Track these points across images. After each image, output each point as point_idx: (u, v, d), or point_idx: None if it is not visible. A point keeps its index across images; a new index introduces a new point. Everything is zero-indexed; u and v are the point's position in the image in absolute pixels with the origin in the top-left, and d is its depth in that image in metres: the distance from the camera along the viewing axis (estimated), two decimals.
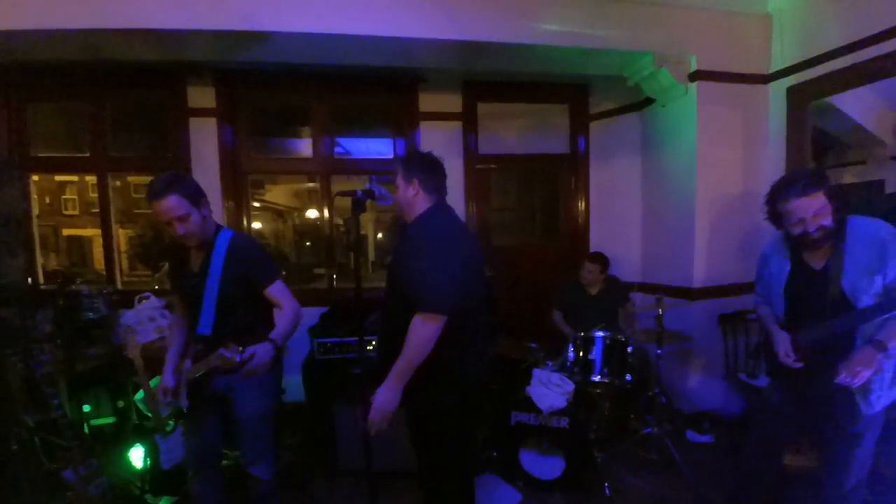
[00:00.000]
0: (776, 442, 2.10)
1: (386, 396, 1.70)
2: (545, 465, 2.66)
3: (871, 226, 1.75)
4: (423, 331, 1.64)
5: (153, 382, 2.37)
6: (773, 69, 3.30)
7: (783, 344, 1.87)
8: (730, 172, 3.35)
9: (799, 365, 1.83)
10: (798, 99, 3.16)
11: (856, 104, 3.15)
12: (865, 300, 1.70)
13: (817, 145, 3.18)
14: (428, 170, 1.90)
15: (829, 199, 1.70)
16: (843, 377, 1.66)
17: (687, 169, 3.33)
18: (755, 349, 2.19)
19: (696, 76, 3.20)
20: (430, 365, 1.69)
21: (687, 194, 3.33)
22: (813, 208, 1.69)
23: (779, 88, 3.26)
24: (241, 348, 1.66)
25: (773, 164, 3.29)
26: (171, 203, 1.76)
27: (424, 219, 1.83)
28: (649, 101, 3.64)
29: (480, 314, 1.92)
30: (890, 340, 1.66)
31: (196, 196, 1.84)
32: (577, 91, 4.02)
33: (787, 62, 3.19)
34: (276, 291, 1.90)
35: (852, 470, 1.84)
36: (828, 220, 1.71)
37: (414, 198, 1.86)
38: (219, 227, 1.96)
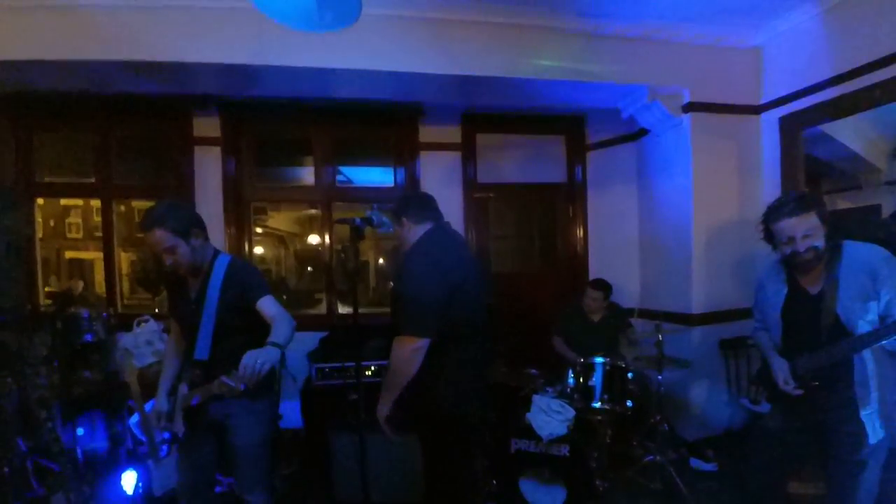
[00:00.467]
0: (778, 470, 2.06)
1: (378, 406, 1.89)
2: (546, 495, 2.59)
3: (865, 251, 1.76)
4: (399, 350, 1.80)
5: (149, 406, 2.36)
6: (764, 100, 3.39)
7: (782, 371, 1.86)
8: (725, 200, 3.40)
9: (798, 392, 1.82)
10: (790, 128, 3.24)
11: (848, 132, 3.22)
12: (861, 326, 1.70)
13: (811, 172, 3.24)
14: (414, 206, 2.06)
15: (822, 221, 1.72)
16: None
17: (683, 197, 3.38)
18: (756, 376, 2.18)
19: (689, 108, 3.29)
20: (430, 386, 1.83)
21: (684, 222, 3.38)
22: (802, 228, 1.71)
23: (771, 118, 3.35)
24: (243, 375, 1.59)
25: (768, 191, 3.35)
26: (157, 237, 1.79)
27: (415, 247, 1.97)
28: (644, 132, 3.72)
29: (477, 337, 1.99)
30: None
31: (185, 228, 1.83)
32: (573, 122, 4.14)
33: (778, 93, 3.28)
34: (268, 303, 1.86)
35: (858, 498, 1.79)
36: (819, 242, 1.71)
37: (408, 233, 2.02)
38: (216, 253, 1.97)
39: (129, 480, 2.52)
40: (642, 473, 2.93)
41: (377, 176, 4.30)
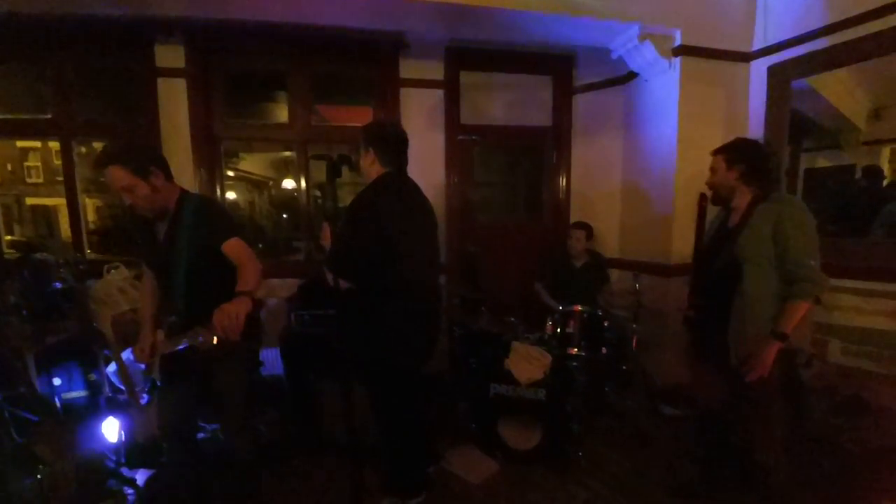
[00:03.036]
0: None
1: None
2: (523, 437, 2.71)
3: (780, 202, 1.97)
4: (329, 279, 1.86)
5: (127, 354, 2.33)
6: (755, 47, 3.30)
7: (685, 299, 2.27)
8: (709, 150, 3.36)
9: (689, 313, 2.22)
10: (779, 78, 3.17)
11: (834, 87, 3.19)
12: (751, 259, 1.94)
13: (794, 127, 3.22)
14: (385, 140, 2.03)
15: (727, 165, 2.08)
16: (750, 376, 1.90)
17: (668, 145, 3.34)
18: None
19: (679, 51, 3.18)
20: (372, 335, 1.96)
21: (667, 172, 3.35)
22: (712, 164, 2.17)
23: (760, 67, 3.27)
24: (216, 329, 1.56)
25: None
26: (113, 174, 1.70)
27: (368, 188, 1.98)
28: (633, 76, 3.61)
29: (424, 294, 2.08)
30: (787, 328, 1.86)
31: (142, 165, 1.74)
32: (561, 62, 3.95)
33: (770, 41, 3.19)
34: (235, 247, 1.79)
35: (766, 408, 2.03)
36: (718, 179, 2.12)
37: (370, 167, 2.03)
38: (184, 194, 1.90)
39: (110, 428, 2.52)
40: (615, 418, 3.08)
41: (355, 116, 4.09)
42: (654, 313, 3.17)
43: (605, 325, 2.98)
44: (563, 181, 4.11)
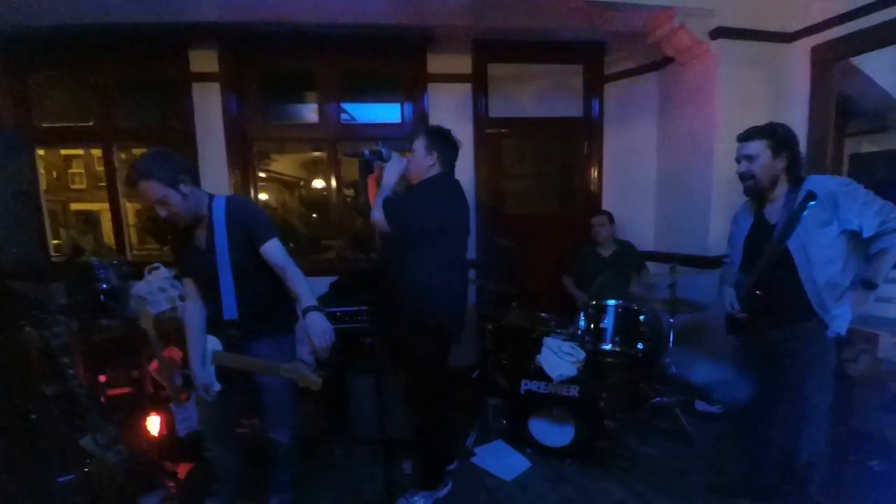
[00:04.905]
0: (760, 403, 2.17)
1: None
2: (555, 434, 2.68)
3: (825, 181, 1.91)
4: (375, 213, 2.03)
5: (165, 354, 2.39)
6: (798, 27, 3.12)
7: (728, 297, 2.10)
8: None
9: (743, 315, 2.05)
10: (823, 59, 3.00)
11: (881, 66, 3.01)
12: (813, 250, 1.85)
13: (839, 111, 3.06)
14: (449, 148, 2.20)
15: (772, 154, 1.92)
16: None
17: (706, 132, 3.21)
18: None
19: (717, 34, 3.04)
20: (424, 301, 2.11)
21: (706, 159, 3.22)
22: (744, 151, 1.99)
23: (804, 48, 3.10)
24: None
25: (796, 128, 3.14)
26: (145, 187, 1.72)
27: (428, 182, 2.16)
28: (668, 61, 3.48)
29: (462, 267, 2.29)
30: (879, 279, 1.85)
31: (172, 176, 1.76)
32: (592, 50, 3.84)
33: (813, 20, 3.01)
34: (275, 249, 1.84)
35: (816, 405, 1.96)
36: (755, 168, 1.94)
37: (429, 168, 2.16)
38: (212, 197, 1.91)
39: (153, 423, 2.61)
40: (650, 414, 2.99)
41: (383, 113, 4.08)
42: (692, 307, 3.06)
43: (641, 319, 2.89)
44: (594, 172, 4.01)
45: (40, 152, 3.76)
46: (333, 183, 3.86)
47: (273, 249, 1.84)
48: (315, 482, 2.50)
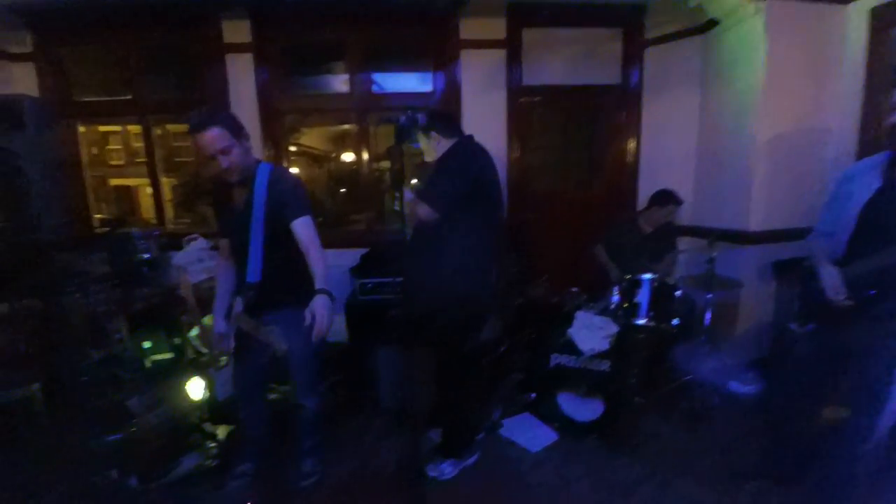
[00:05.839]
0: (807, 395, 2.02)
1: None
2: (583, 408, 2.66)
3: None
4: (417, 208, 2.05)
5: (205, 321, 2.47)
6: None
7: (832, 279, 1.73)
8: (797, 106, 3.06)
9: (847, 303, 1.70)
10: (882, 22, 2.81)
11: None
12: None
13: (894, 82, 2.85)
14: (440, 119, 2.25)
15: None
16: None
17: (750, 101, 3.05)
18: (800, 293, 2.06)
19: None
20: (449, 268, 2.10)
21: (749, 128, 3.07)
22: None
23: (860, 10, 2.89)
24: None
25: (846, 97, 2.99)
26: (214, 134, 1.75)
27: (448, 151, 2.17)
28: (712, 25, 3.29)
29: (496, 236, 2.27)
30: None
31: (237, 128, 1.84)
32: (631, 12, 3.64)
33: None
34: (306, 226, 1.86)
35: (888, 402, 1.73)
36: None
37: (437, 145, 2.21)
38: (258, 162, 1.95)
39: (194, 387, 2.72)
40: (681, 392, 2.94)
41: (413, 83, 4.01)
42: (729, 284, 2.96)
43: (677, 295, 2.82)
44: (631, 143, 3.87)
45: (81, 129, 3.85)
46: (364, 155, 3.85)
47: (303, 226, 1.86)
48: (342, 450, 2.57)
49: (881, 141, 2.83)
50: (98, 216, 4.24)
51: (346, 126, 5.61)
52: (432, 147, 2.22)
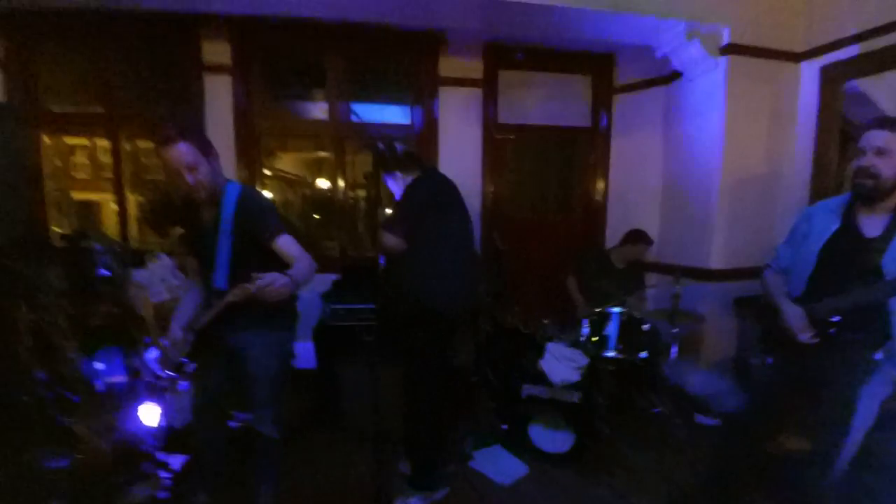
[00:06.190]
0: (763, 424, 2.05)
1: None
2: (554, 440, 2.65)
3: None
4: (385, 239, 2.16)
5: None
6: (807, 47, 3.17)
7: (796, 318, 1.76)
8: (755, 152, 3.27)
9: (814, 340, 1.73)
10: (831, 79, 3.04)
11: (884, 92, 3.04)
12: None
13: (844, 133, 3.08)
14: (403, 160, 2.32)
15: None
16: None
17: (711, 147, 3.24)
18: (761, 329, 2.09)
19: (727, 50, 3.09)
20: (422, 285, 2.21)
21: (710, 173, 3.25)
22: (879, 142, 1.61)
23: (812, 68, 3.15)
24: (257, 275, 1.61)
25: (800, 146, 3.21)
26: (182, 150, 1.71)
27: (409, 184, 2.28)
28: (676, 75, 3.52)
29: (466, 255, 2.39)
30: None
31: (205, 146, 1.80)
32: (602, 62, 3.90)
33: (822, 41, 3.06)
34: (286, 243, 1.83)
35: (849, 434, 1.75)
36: (886, 170, 1.60)
37: (401, 182, 2.31)
38: (227, 181, 1.92)
39: (148, 412, 2.57)
40: (648, 424, 2.97)
41: (392, 115, 4.10)
42: (693, 318, 3.06)
43: (644, 328, 2.89)
44: (600, 181, 4.05)
45: (46, 139, 3.73)
46: (340, 182, 3.85)
47: (286, 244, 1.83)
48: (307, 475, 2.48)
49: (829, 190, 3.04)
50: (57, 230, 4.06)
51: (322, 153, 5.64)
52: (397, 184, 2.34)
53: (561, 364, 2.66)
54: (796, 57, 3.21)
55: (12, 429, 2.35)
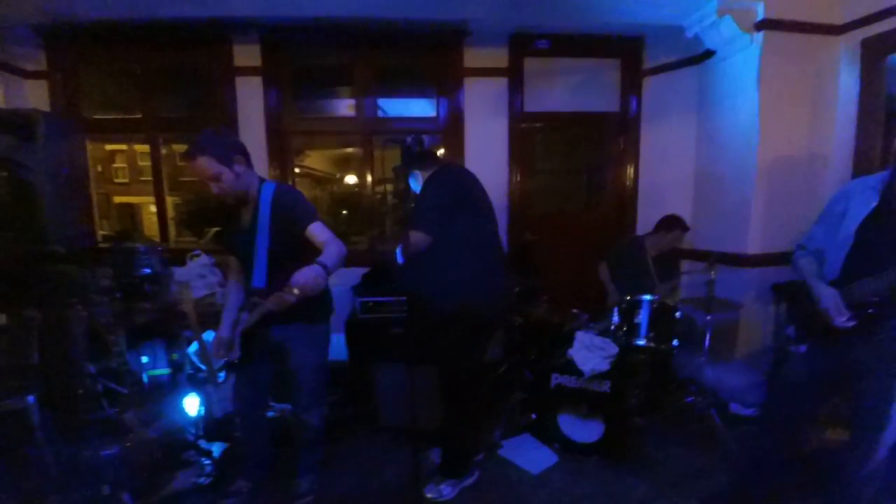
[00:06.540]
0: (797, 416, 1.97)
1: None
2: (583, 429, 2.64)
3: None
4: (412, 237, 2.09)
5: (206, 336, 2.48)
6: (846, 19, 3.00)
7: (833, 300, 1.68)
8: (794, 132, 3.12)
9: (851, 324, 1.66)
10: (873, 53, 2.88)
11: None
12: None
13: (889, 111, 2.93)
14: (420, 158, 2.32)
15: None
16: None
17: (747, 128, 3.12)
18: (793, 314, 2.03)
19: (762, 25, 2.95)
20: (453, 285, 2.16)
21: (746, 155, 3.13)
22: None
23: (852, 41, 2.98)
24: (293, 288, 1.65)
25: (842, 124, 3.05)
26: (200, 164, 1.81)
27: (427, 179, 2.26)
28: (709, 55, 3.39)
29: (493, 251, 2.34)
30: None
31: (226, 154, 1.85)
32: (630, 45, 3.78)
33: (863, 12, 2.89)
34: (318, 230, 1.89)
35: (889, 424, 1.68)
36: None
37: (421, 180, 2.29)
38: (262, 181, 1.99)
39: (191, 403, 2.70)
40: (681, 414, 2.92)
41: (418, 108, 4.12)
42: (728, 305, 2.98)
43: (677, 316, 2.83)
44: (630, 167, 3.95)
45: (88, 146, 3.92)
46: (368, 178, 3.91)
47: (317, 230, 1.89)
48: (341, 468, 2.54)
49: (874, 168, 2.89)
50: (101, 232, 4.27)
51: (350, 149, 5.72)
52: (419, 184, 2.33)
53: (591, 353, 2.64)
54: (835, 30, 3.04)
55: (67, 419, 2.50)
